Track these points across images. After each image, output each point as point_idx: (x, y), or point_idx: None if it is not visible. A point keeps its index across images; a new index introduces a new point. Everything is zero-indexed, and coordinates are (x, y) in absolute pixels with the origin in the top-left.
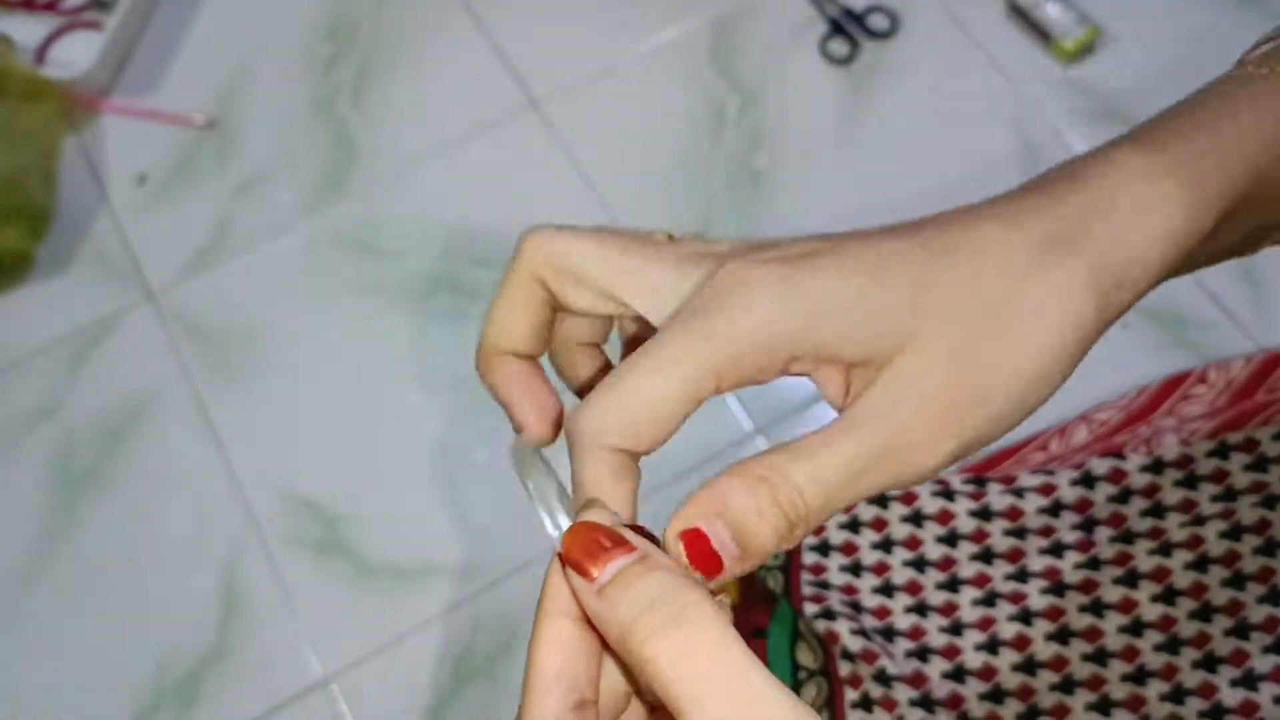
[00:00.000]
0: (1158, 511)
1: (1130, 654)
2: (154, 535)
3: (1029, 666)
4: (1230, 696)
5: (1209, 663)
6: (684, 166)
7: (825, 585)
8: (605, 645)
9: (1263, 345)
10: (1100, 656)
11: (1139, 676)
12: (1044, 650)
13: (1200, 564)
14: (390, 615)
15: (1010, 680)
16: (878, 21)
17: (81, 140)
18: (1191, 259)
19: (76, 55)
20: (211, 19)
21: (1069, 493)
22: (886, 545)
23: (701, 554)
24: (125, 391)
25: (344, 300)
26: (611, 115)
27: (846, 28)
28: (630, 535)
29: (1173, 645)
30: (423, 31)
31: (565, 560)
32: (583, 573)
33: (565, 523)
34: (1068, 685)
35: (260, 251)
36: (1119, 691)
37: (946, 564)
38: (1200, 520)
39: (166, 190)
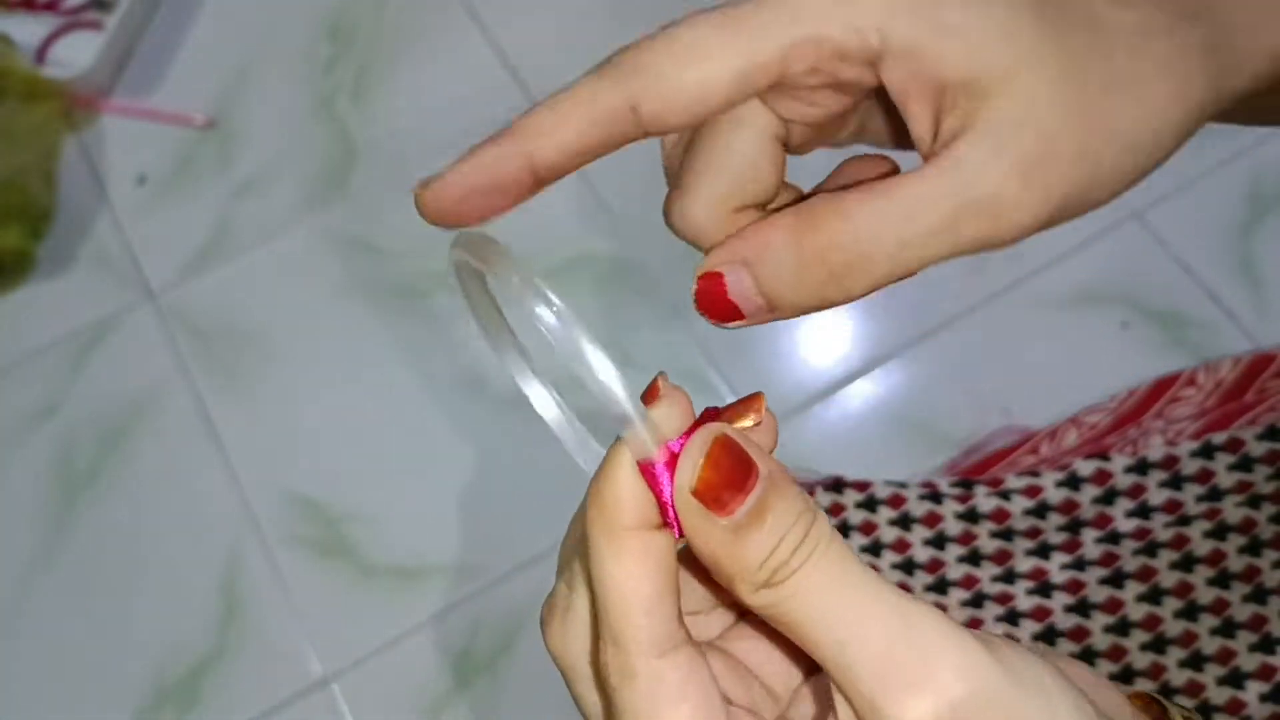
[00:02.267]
0: (1143, 512)
1: (1117, 653)
2: (154, 535)
3: None
4: (1217, 695)
5: (1195, 661)
6: None
7: None
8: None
9: (1262, 345)
10: (1087, 656)
11: (1125, 675)
12: None
13: (1186, 563)
14: (390, 615)
15: None
16: None
17: (81, 140)
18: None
19: (76, 55)
20: (211, 19)
21: (1055, 494)
22: (875, 549)
23: (714, 300)
24: (125, 391)
25: (344, 300)
26: None
27: None
28: (753, 450)
29: (1159, 644)
30: (423, 31)
31: (700, 493)
32: (719, 507)
33: (630, 408)
34: None
35: (260, 251)
36: None
37: (934, 566)
38: (1185, 520)
39: (166, 190)
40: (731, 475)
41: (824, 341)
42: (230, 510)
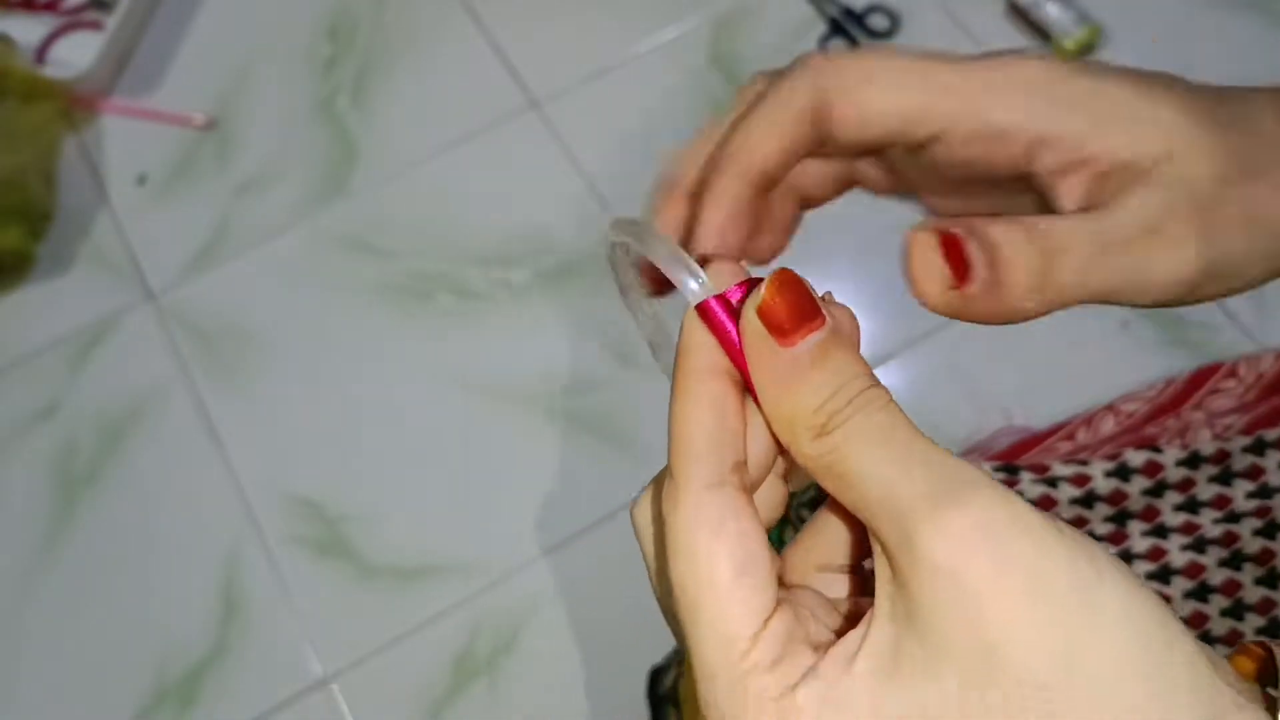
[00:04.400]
0: (1192, 506)
1: None
2: (154, 535)
3: None
4: None
5: None
6: None
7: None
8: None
9: (1264, 346)
10: None
11: None
12: None
13: (1234, 561)
14: (390, 615)
15: None
16: (878, 21)
17: (81, 140)
18: None
19: (76, 55)
20: (211, 19)
21: (1103, 484)
22: None
23: (957, 257)
24: (125, 391)
25: (343, 300)
26: (611, 115)
27: (846, 27)
28: (822, 304)
29: (1204, 641)
30: (423, 32)
31: (764, 313)
32: (782, 334)
33: (702, 276)
34: None
35: (260, 251)
36: None
37: None
38: (1235, 517)
39: (166, 190)
40: (797, 307)
41: None
42: (230, 510)
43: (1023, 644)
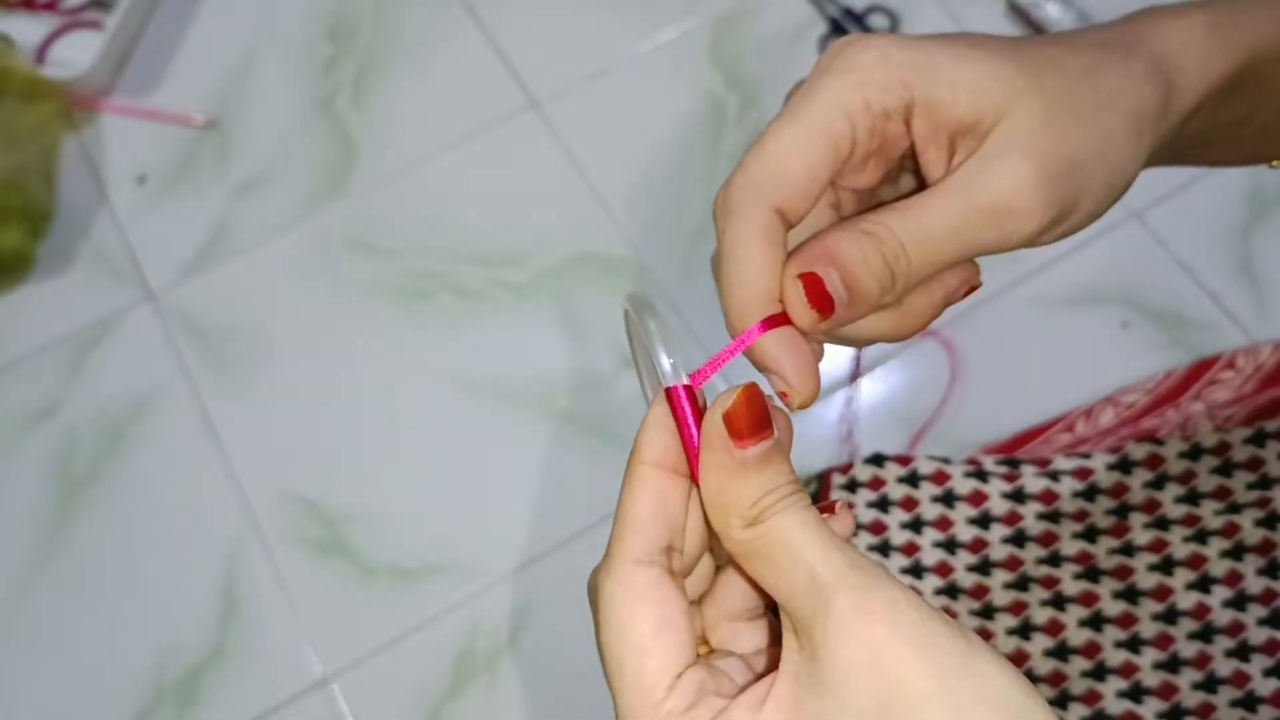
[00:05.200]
0: (1193, 498)
1: (1164, 641)
2: (154, 535)
3: (1061, 652)
4: (1263, 686)
5: (1242, 651)
6: (684, 166)
7: None
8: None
9: (1262, 345)
10: (1133, 644)
11: (1172, 664)
12: (1076, 636)
13: (1235, 552)
14: (390, 615)
15: (1042, 666)
16: (878, 21)
17: (81, 140)
18: (1220, 114)
19: (76, 55)
20: (211, 19)
21: (1105, 477)
22: (916, 525)
23: (818, 295)
24: (125, 391)
25: (344, 300)
26: (611, 115)
27: (847, 27)
28: (774, 414)
29: (1206, 634)
30: (423, 31)
31: (729, 418)
32: (738, 438)
33: (680, 375)
34: (1099, 672)
35: (260, 251)
36: (1152, 679)
37: (978, 546)
38: (1236, 508)
39: (166, 190)
40: (756, 419)
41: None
42: (230, 510)
43: (916, 694)
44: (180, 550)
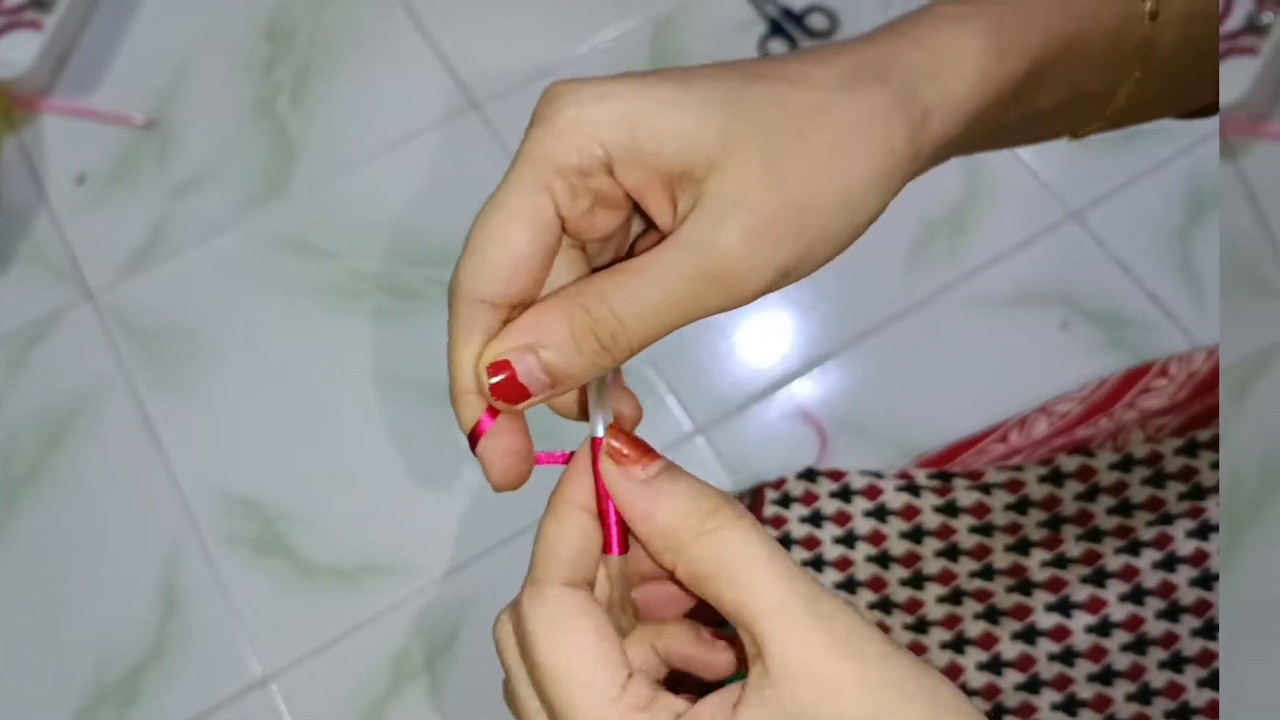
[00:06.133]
0: (1125, 509)
1: (1097, 654)
2: (93, 534)
3: (995, 665)
4: (1197, 697)
5: (1176, 663)
6: None
7: None
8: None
9: (1202, 345)
10: (1067, 656)
11: (1105, 676)
12: (1010, 649)
13: (1168, 563)
14: (330, 615)
15: (976, 679)
16: (817, 21)
17: (20, 140)
18: (1007, 114)
19: (15, 55)
20: (151, 19)
21: (1037, 489)
22: (849, 540)
23: (506, 386)
24: (64, 391)
25: (282, 300)
26: None
27: (786, 28)
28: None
29: (1140, 645)
30: (362, 33)
31: (612, 454)
32: (631, 463)
33: (607, 418)
34: (1033, 685)
35: (199, 251)
36: (1085, 691)
37: (911, 560)
38: (1168, 519)
39: (106, 190)
40: (635, 444)
41: (762, 342)
42: (169, 510)
43: (854, 697)
44: (119, 550)
